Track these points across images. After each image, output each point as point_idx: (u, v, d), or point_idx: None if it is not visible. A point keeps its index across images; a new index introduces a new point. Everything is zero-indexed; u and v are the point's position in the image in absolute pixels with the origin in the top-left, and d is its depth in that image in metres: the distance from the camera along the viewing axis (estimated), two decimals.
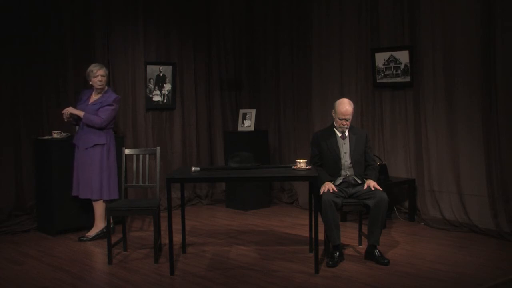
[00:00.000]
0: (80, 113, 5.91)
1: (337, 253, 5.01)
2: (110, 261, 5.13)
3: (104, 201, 5.95)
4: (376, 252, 5.02)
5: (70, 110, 5.96)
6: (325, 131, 5.36)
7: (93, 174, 5.89)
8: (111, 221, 5.40)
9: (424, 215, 6.42)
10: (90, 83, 6.00)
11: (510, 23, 5.65)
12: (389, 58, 6.66)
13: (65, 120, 6.03)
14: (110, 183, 5.96)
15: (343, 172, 5.20)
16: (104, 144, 5.91)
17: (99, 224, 6.02)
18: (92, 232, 5.99)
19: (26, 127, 6.60)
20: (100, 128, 5.92)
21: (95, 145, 5.88)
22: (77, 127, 6.07)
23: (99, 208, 5.99)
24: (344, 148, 5.22)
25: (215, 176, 5.29)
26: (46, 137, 6.35)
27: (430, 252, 5.29)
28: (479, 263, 4.94)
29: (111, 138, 6.00)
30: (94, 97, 6.01)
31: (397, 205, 6.70)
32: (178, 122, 7.79)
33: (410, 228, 6.21)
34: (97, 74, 5.94)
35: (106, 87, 6.06)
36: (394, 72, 6.63)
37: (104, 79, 5.98)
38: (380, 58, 6.73)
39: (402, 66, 6.55)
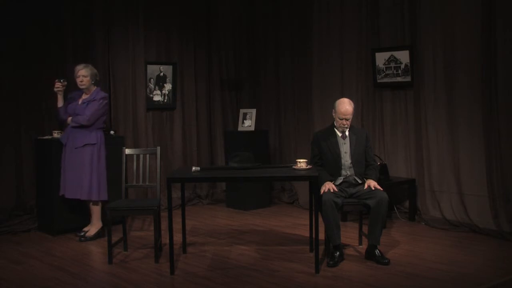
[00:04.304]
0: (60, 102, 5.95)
1: (338, 253, 5.00)
2: (110, 261, 5.13)
3: (95, 201, 5.92)
4: (377, 252, 5.02)
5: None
6: (325, 131, 5.36)
7: (83, 175, 5.81)
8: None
9: (425, 215, 6.42)
10: None
11: (511, 23, 5.65)
12: (389, 58, 6.65)
13: (56, 89, 5.97)
14: (100, 184, 5.89)
15: (343, 172, 5.20)
16: (94, 144, 5.84)
17: (97, 223, 6.01)
18: (92, 232, 5.99)
19: (27, 127, 6.60)
20: (88, 125, 5.81)
21: (85, 145, 5.82)
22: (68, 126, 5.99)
23: (94, 207, 5.98)
24: (345, 148, 5.22)
25: (215, 176, 5.30)
26: (46, 137, 6.34)
27: (430, 252, 5.29)
28: (479, 263, 4.94)
29: (101, 137, 5.91)
30: (84, 97, 5.96)
31: (398, 205, 6.70)
32: (179, 122, 7.79)
33: (410, 228, 6.21)
34: (78, 75, 5.89)
35: (94, 87, 5.97)
36: (395, 72, 6.63)
37: (86, 79, 5.89)
38: (381, 58, 6.73)
39: (403, 66, 6.55)
